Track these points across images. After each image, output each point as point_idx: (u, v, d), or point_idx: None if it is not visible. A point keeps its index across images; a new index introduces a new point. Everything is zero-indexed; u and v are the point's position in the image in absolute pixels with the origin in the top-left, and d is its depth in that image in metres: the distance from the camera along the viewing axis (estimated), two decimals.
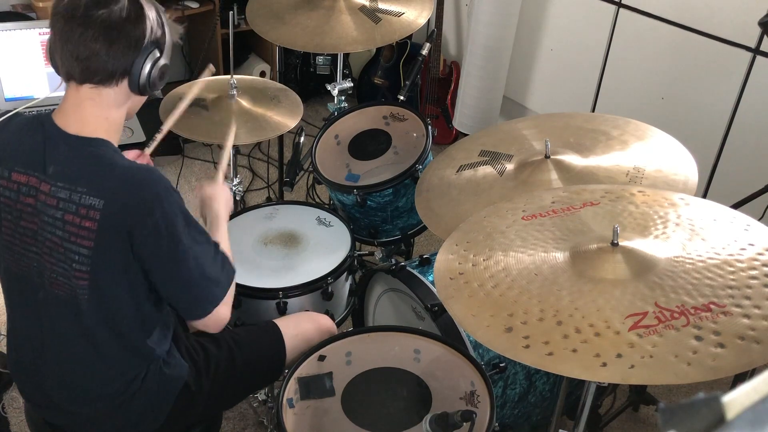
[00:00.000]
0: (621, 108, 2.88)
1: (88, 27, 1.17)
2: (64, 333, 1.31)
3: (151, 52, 1.24)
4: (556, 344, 1.02)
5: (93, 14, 1.17)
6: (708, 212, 1.24)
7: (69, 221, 1.21)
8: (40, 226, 1.24)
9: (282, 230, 1.99)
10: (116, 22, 1.18)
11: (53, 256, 1.24)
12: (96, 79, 1.22)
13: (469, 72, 3.21)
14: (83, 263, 1.22)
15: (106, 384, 1.34)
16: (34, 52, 2.54)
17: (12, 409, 2.08)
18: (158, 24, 1.25)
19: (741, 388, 0.41)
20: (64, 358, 1.34)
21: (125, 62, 1.22)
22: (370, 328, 1.76)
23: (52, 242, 1.24)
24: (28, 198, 1.24)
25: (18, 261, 1.30)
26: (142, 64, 1.23)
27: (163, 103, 2.06)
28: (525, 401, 1.76)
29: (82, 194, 1.20)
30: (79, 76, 1.22)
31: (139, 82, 1.25)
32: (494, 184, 1.64)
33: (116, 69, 1.22)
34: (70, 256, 1.23)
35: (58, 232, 1.22)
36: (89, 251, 1.21)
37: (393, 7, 2.22)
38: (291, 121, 2.06)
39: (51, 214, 1.23)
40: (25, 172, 1.24)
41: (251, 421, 2.13)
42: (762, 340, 0.95)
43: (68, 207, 1.21)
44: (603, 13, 2.87)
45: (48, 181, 1.22)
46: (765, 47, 2.33)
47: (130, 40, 1.20)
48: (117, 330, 1.30)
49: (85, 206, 1.20)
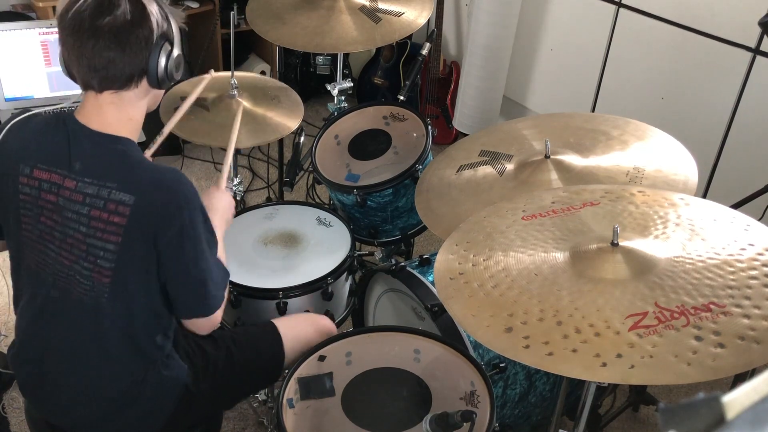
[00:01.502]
0: (621, 108, 2.88)
1: (99, 38, 1.19)
2: (75, 333, 1.31)
3: (162, 46, 1.25)
4: (556, 344, 1.02)
5: (99, 24, 1.18)
6: (708, 212, 1.24)
7: (95, 217, 1.22)
8: (61, 223, 1.25)
9: (282, 230, 1.99)
10: (123, 26, 1.19)
11: (74, 253, 1.25)
12: (116, 85, 1.24)
13: (469, 72, 3.21)
14: (108, 259, 1.23)
15: (111, 385, 1.34)
16: (34, 52, 2.54)
17: (12, 409, 2.08)
18: (163, 17, 1.26)
19: (741, 388, 0.41)
20: (72, 359, 1.34)
21: (141, 63, 1.24)
22: (370, 328, 1.76)
23: (74, 239, 1.24)
24: (50, 195, 1.25)
25: (36, 258, 1.30)
26: (157, 60, 1.25)
27: (164, 103, 2.06)
28: (525, 401, 1.76)
29: (111, 189, 1.21)
30: (98, 85, 1.24)
31: (158, 77, 1.27)
32: (494, 184, 1.64)
33: (134, 71, 1.24)
34: (93, 252, 1.23)
35: (82, 228, 1.23)
36: (116, 247, 1.22)
37: (393, 7, 2.22)
38: (292, 122, 2.06)
39: (76, 210, 1.23)
40: (48, 169, 1.25)
41: (251, 421, 2.13)
42: (762, 340, 0.95)
43: (96, 203, 1.22)
44: (603, 13, 2.87)
45: (73, 177, 1.23)
46: (765, 47, 2.33)
47: (140, 40, 1.22)
48: (131, 329, 1.31)
49: (114, 201, 1.21)
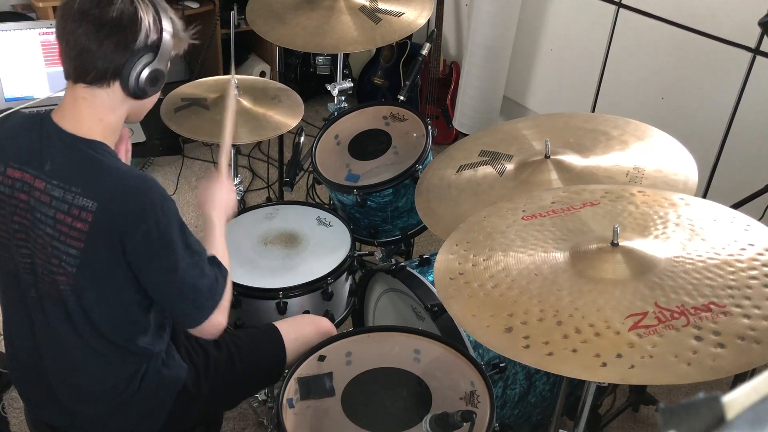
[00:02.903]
0: (621, 108, 2.88)
1: (81, 24, 1.18)
2: (57, 331, 1.31)
3: (143, 56, 1.23)
4: (556, 344, 1.02)
5: (87, 12, 1.18)
6: (708, 212, 1.24)
7: (60, 220, 1.21)
8: (32, 223, 1.24)
9: (282, 230, 1.99)
10: (108, 22, 1.18)
11: (44, 252, 1.24)
12: (88, 78, 1.22)
13: (469, 72, 3.21)
14: (70, 264, 1.22)
15: (102, 382, 1.34)
16: (34, 52, 2.54)
17: (12, 409, 2.08)
18: (156, 30, 1.23)
19: (741, 388, 0.41)
20: (59, 357, 1.34)
21: (116, 62, 1.21)
22: (370, 328, 1.76)
23: (42, 239, 1.24)
24: (22, 194, 1.24)
25: (12, 258, 1.30)
26: (133, 67, 1.22)
27: (164, 103, 2.07)
28: (525, 401, 1.76)
29: (76, 194, 1.20)
30: (73, 73, 1.23)
31: (129, 85, 1.24)
32: (494, 184, 1.63)
33: (107, 68, 1.21)
34: (57, 255, 1.22)
35: (49, 230, 1.22)
36: (78, 252, 1.21)
37: (393, 7, 2.22)
38: (292, 120, 2.07)
39: (44, 211, 1.22)
40: (20, 168, 1.24)
41: (251, 421, 2.13)
42: (762, 340, 0.95)
43: (61, 206, 1.21)
44: (603, 13, 2.87)
45: (43, 179, 1.22)
46: (765, 47, 2.33)
47: (120, 39, 1.20)
48: (101, 331, 1.29)
49: (78, 207, 1.19)
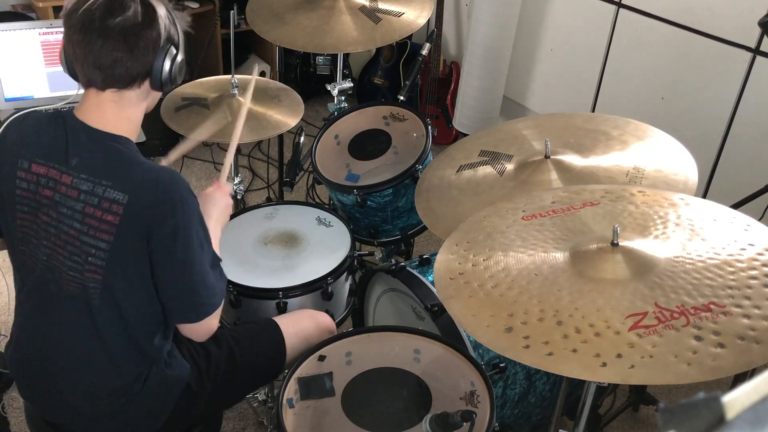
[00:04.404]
0: (621, 108, 2.88)
1: (108, 37, 1.19)
2: (73, 328, 1.31)
3: (168, 50, 1.26)
4: (556, 344, 1.02)
5: (110, 23, 1.19)
6: (708, 212, 1.24)
7: (89, 214, 1.22)
8: (56, 219, 1.25)
9: (282, 230, 1.99)
10: (133, 28, 1.20)
11: (67, 249, 1.25)
12: (119, 84, 1.25)
13: (469, 72, 3.21)
14: (99, 257, 1.23)
15: (111, 381, 1.34)
16: (34, 52, 2.54)
17: (12, 409, 2.08)
18: (170, 21, 1.27)
19: (741, 388, 0.41)
20: (71, 354, 1.34)
21: (146, 65, 1.25)
22: (370, 328, 1.76)
23: (68, 235, 1.24)
24: (47, 190, 1.25)
25: (32, 254, 1.30)
26: (162, 63, 1.26)
27: (164, 103, 2.07)
28: (525, 401, 1.76)
29: (106, 188, 1.21)
30: (101, 83, 1.24)
31: (161, 80, 1.27)
32: (494, 184, 1.64)
33: (139, 72, 1.25)
34: (86, 249, 1.23)
35: (76, 224, 1.23)
36: (108, 245, 1.22)
37: (393, 7, 2.22)
38: (292, 120, 2.07)
39: (71, 206, 1.23)
40: (46, 164, 1.25)
41: (251, 421, 2.13)
42: (762, 340, 0.95)
43: (90, 200, 1.22)
44: (603, 13, 2.87)
45: (69, 173, 1.23)
46: (765, 47, 2.33)
47: (148, 42, 1.23)
48: (126, 327, 1.30)
49: (108, 200, 1.21)
